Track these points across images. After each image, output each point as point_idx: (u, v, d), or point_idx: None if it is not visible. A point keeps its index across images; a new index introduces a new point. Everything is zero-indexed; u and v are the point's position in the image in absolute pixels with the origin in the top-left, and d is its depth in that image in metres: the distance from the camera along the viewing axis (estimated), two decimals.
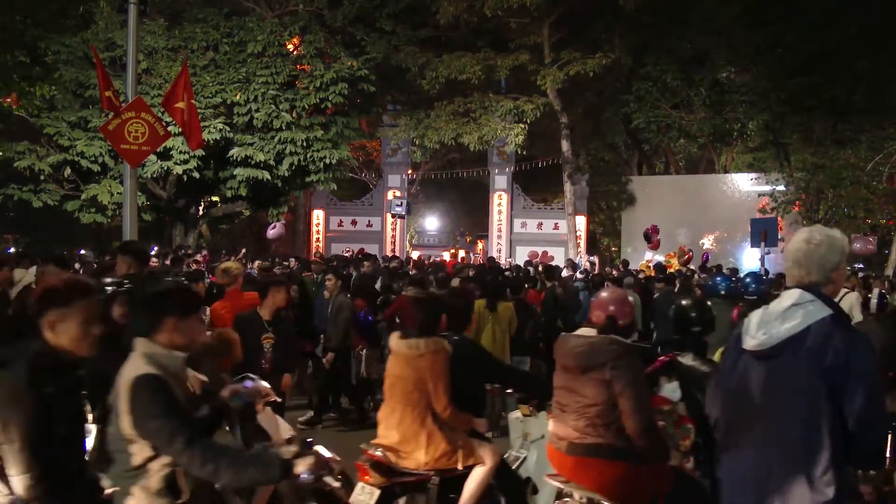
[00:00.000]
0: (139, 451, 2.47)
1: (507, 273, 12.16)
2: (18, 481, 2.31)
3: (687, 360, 3.74)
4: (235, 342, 4.69)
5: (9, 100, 16.47)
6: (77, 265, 10.37)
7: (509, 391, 5.41)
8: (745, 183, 22.06)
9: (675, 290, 9.15)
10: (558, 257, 20.87)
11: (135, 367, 2.50)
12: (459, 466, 3.95)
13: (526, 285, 9.51)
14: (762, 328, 2.50)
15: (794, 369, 2.41)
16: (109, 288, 3.85)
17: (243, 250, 17.14)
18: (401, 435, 3.96)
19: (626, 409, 3.25)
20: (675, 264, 17.98)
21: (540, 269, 11.97)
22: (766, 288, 10.01)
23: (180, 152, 15.80)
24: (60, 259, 5.93)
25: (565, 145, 20.19)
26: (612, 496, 3.30)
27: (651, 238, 19.45)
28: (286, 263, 13.08)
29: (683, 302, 4.01)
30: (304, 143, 16.85)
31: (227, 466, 2.43)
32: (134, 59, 9.30)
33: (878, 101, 18.33)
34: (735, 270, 14.17)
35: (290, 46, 18.03)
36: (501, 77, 20.12)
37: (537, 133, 21.33)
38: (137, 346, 2.57)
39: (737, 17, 19.63)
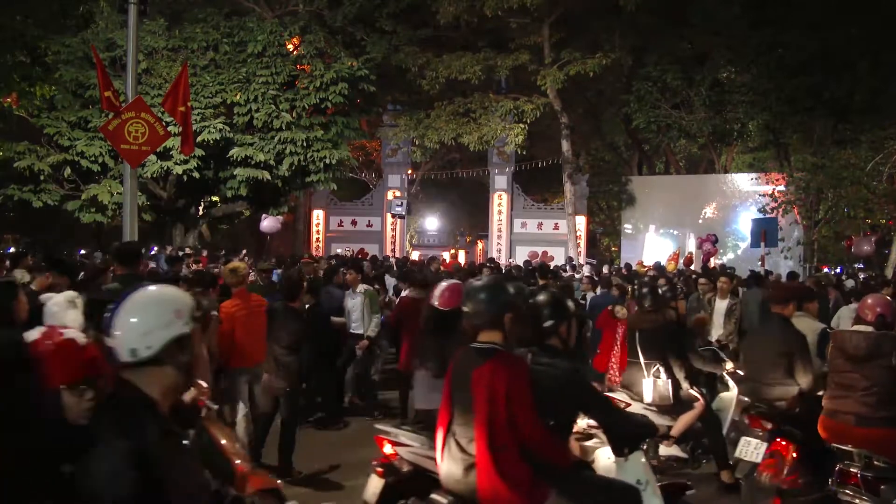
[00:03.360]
0: None
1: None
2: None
3: None
4: None
5: (9, 100, 16.46)
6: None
7: None
8: (745, 183, 22.05)
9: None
10: (558, 257, 20.87)
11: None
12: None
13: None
14: None
15: None
16: None
17: (244, 250, 17.14)
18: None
19: None
20: (672, 266, 18.03)
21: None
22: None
23: (180, 152, 15.80)
24: (61, 263, 5.88)
25: (565, 145, 20.18)
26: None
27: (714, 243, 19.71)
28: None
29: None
30: (305, 143, 16.83)
31: None
32: (134, 59, 9.31)
33: (878, 101, 18.27)
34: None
35: (290, 46, 18.02)
36: (501, 77, 20.13)
37: (537, 133, 21.31)
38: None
39: (737, 17, 19.60)
